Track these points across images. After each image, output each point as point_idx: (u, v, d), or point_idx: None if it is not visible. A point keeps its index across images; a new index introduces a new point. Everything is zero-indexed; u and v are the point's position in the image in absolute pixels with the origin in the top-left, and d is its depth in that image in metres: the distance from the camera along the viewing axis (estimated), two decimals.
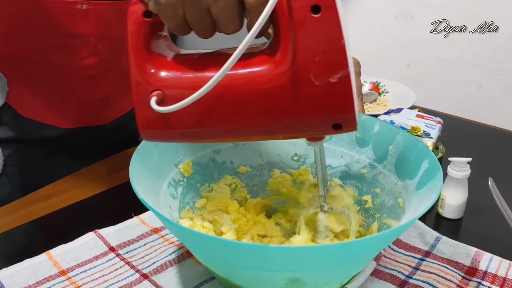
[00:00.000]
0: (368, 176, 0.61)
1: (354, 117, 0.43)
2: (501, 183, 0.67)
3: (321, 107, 0.42)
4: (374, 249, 0.49)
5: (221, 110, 0.45)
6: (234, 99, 0.44)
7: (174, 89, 0.45)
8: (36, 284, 0.54)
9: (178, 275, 0.56)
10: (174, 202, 0.59)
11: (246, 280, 0.50)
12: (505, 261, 0.59)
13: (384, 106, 1.10)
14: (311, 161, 0.66)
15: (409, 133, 0.58)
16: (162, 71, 0.46)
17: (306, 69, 0.41)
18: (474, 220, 0.69)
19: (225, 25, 0.43)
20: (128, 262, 0.57)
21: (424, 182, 0.52)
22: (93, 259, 0.58)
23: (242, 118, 0.45)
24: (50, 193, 0.74)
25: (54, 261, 0.56)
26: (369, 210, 0.61)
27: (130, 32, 0.45)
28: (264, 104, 0.44)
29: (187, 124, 0.46)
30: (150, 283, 0.54)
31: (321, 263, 0.45)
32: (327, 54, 0.40)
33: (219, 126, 0.46)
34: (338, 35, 0.40)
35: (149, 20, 0.45)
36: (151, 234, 0.62)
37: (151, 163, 0.57)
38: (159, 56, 0.46)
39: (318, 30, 0.40)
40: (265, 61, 0.43)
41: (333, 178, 0.63)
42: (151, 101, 0.44)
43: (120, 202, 0.70)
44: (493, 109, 1.30)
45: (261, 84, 0.43)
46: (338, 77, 0.41)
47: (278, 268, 0.45)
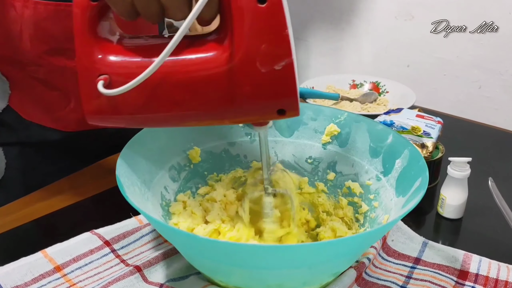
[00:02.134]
0: (372, 188, 0.61)
1: (297, 102, 0.45)
2: (501, 183, 0.67)
3: (266, 93, 0.44)
4: (330, 257, 0.47)
5: (167, 95, 0.46)
6: (179, 84, 0.45)
7: (120, 73, 0.46)
8: (32, 281, 0.54)
9: (168, 268, 0.57)
10: (173, 185, 0.60)
11: (222, 275, 0.51)
12: (494, 262, 0.58)
13: (384, 106, 1.10)
14: (324, 165, 0.66)
15: (417, 148, 0.57)
16: (109, 55, 0.46)
17: (252, 57, 0.43)
18: (474, 220, 0.69)
19: (173, 12, 0.43)
20: (123, 260, 0.58)
21: (409, 200, 0.51)
22: (88, 253, 0.58)
23: (188, 103, 0.46)
24: (50, 193, 0.74)
25: (50, 258, 0.57)
26: (364, 223, 0.61)
27: (76, 16, 0.45)
28: (210, 89, 0.45)
29: (134, 109, 0.47)
30: (141, 277, 0.55)
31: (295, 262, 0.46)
32: (272, 43, 0.42)
33: (165, 111, 0.47)
34: (282, 25, 0.42)
35: (95, 4, 0.45)
36: (146, 226, 0.63)
37: (153, 147, 0.58)
38: (106, 40, 0.47)
39: (263, 20, 0.42)
40: (212, 48, 0.44)
41: (276, 163, 0.64)
42: (98, 85, 0.45)
43: (120, 202, 0.70)
44: (493, 109, 1.30)
45: (207, 70, 0.44)
46: (282, 64, 0.42)
47: (251, 265, 0.46)
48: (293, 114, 0.46)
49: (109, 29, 0.47)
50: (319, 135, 0.66)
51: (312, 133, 0.67)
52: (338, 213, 0.64)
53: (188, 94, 0.45)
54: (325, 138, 0.66)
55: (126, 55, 0.46)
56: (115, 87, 0.44)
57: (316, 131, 0.67)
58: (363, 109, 1.09)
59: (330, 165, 0.66)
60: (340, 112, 0.66)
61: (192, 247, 0.48)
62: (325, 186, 0.66)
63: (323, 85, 1.17)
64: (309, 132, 0.67)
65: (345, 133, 0.65)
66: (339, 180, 0.65)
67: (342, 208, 0.64)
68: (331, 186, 0.66)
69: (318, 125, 0.66)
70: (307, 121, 0.67)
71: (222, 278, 0.51)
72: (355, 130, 0.64)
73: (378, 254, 0.60)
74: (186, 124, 0.52)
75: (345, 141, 0.65)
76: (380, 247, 0.61)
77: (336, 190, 0.66)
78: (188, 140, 0.62)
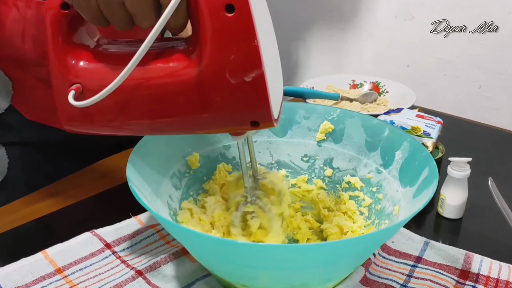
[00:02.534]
0: (373, 181, 0.62)
1: (269, 115, 0.43)
2: (501, 183, 0.67)
3: (237, 104, 0.43)
4: (352, 253, 0.48)
5: (138, 104, 0.45)
6: (150, 94, 0.44)
7: (92, 82, 0.45)
8: (32, 283, 0.54)
9: (173, 272, 0.56)
10: (176, 193, 0.59)
11: (238, 278, 0.50)
12: (495, 262, 0.58)
13: (384, 106, 1.10)
14: (321, 162, 0.67)
15: (417, 140, 0.58)
16: (82, 63, 0.45)
17: (222, 68, 0.41)
18: (474, 220, 0.69)
19: (139, 19, 0.42)
20: (124, 261, 0.57)
21: (421, 190, 0.52)
22: (89, 256, 0.58)
23: (160, 113, 0.45)
24: (50, 193, 0.74)
25: (50, 260, 0.56)
26: (370, 215, 0.61)
27: (47, 24, 0.45)
28: (180, 100, 0.44)
29: (107, 118, 0.46)
30: (144, 281, 0.54)
31: (307, 262, 0.45)
32: (241, 53, 0.41)
33: (138, 120, 0.46)
34: (251, 35, 0.40)
35: (66, 12, 0.44)
36: (148, 229, 0.63)
37: (156, 154, 0.57)
38: (82, 47, 0.46)
39: (232, 30, 0.40)
40: (182, 58, 0.43)
41: (259, 167, 0.63)
42: (69, 96, 0.44)
43: (121, 202, 0.70)
44: (493, 109, 1.30)
45: (176, 80, 0.43)
46: (252, 76, 0.41)
47: (261, 265, 0.45)
48: (267, 125, 0.45)
49: (87, 35, 0.47)
50: (313, 133, 0.67)
51: (306, 132, 0.68)
52: (341, 208, 0.64)
53: (159, 104, 0.45)
54: (320, 135, 0.67)
55: (99, 63, 0.45)
56: (87, 96, 0.43)
57: (310, 129, 0.67)
58: (363, 109, 1.09)
59: (326, 162, 0.67)
60: (333, 109, 0.66)
61: (220, 253, 0.47)
62: (323, 183, 0.67)
63: (323, 85, 1.17)
64: (303, 131, 0.68)
65: (339, 129, 0.65)
66: (337, 175, 0.66)
67: (344, 203, 0.64)
68: (330, 182, 0.67)
69: (311, 123, 0.67)
70: (300, 120, 0.67)
71: (246, 282, 0.50)
72: (350, 125, 0.65)
73: (378, 253, 0.60)
74: (162, 132, 0.52)
75: (339, 137, 0.65)
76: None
77: (335, 186, 0.66)
78: (186, 146, 0.62)
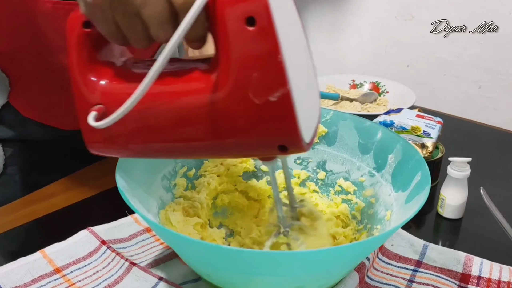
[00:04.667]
0: (366, 185, 0.61)
1: (298, 138, 0.39)
2: (501, 183, 0.67)
3: (262, 127, 0.39)
4: (343, 260, 0.47)
5: (159, 127, 0.42)
6: (171, 116, 0.41)
7: (112, 102, 0.42)
8: (31, 282, 0.54)
9: (163, 273, 0.56)
10: (167, 195, 0.59)
11: (226, 282, 0.49)
12: (496, 264, 0.58)
13: (384, 106, 1.10)
14: (313, 165, 0.66)
15: (409, 143, 0.57)
16: (105, 84, 0.43)
17: (244, 86, 0.38)
18: (474, 220, 0.69)
19: (156, 31, 0.38)
20: (119, 253, 0.58)
21: (413, 195, 0.51)
22: (87, 256, 0.58)
23: (182, 137, 0.42)
24: (50, 193, 0.74)
25: (49, 259, 0.57)
26: (363, 219, 0.61)
27: (69, 44, 0.43)
28: (201, 122, 0.40)
29: (127, 141, 0.44)
30: (139, 269, 0.55)
31: (304, 268, 0.45)
32: (264, 70, 0.37)
33: (160, 143, 0.44)
34: (275, 50, 0.36)
35: (89, 31, 0.42)
36: (143, 233, 0.63)
37: (145, 160, 0.56)
38: (107, 65, 0.43)
39: (253, 44, 0.36)
40: (204, 76, 0.40)
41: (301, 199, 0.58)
42: (89, 117, 0.42)
43: (120, 202, 0.70)
44: (493, 109, 1.30)
45: (197, 101, 0.40)
46: (277, 95, 0.37)
47: (255, 272, 0.45)
48: (297, 151, 0.40)
49: (113, 55, 0.44)
50: None
51: None
52: (333, 212, 0.64)
53: (178, 126, 0.41)
54: None
55: (121, 83, 0.43)
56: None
57: None
58: (363, 109, 1.09)
59: (319, 164, 0.67)
60: (325, 111, 0.66)
61: (213, 259, 0.46)
62: (316, 186, 0.67)
63: (323, 85, 1.17)
64: None
65: (332, 132, 0.65)
66: (330, 178, 0.66)
67: (336, 207, 0.64)
68: (323, 185, 0.66)
69: None
70: None
71: (226, 284, 0.50)
72: (342, 128, 0.64)
73: (377, 257, 0.60)
74: (186, 157, 0.49)
75: (332, 139, 0.65)
76: (377, 248, 0.61)
77: (328, 189, 0.66)
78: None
